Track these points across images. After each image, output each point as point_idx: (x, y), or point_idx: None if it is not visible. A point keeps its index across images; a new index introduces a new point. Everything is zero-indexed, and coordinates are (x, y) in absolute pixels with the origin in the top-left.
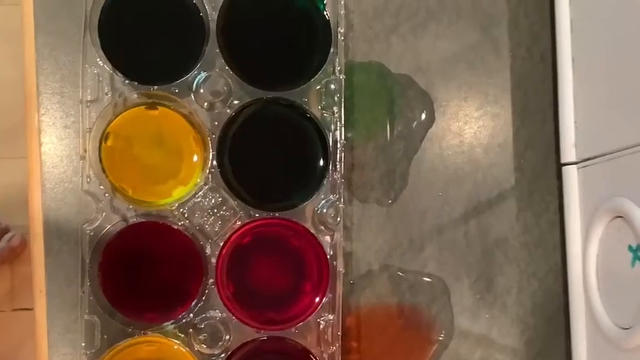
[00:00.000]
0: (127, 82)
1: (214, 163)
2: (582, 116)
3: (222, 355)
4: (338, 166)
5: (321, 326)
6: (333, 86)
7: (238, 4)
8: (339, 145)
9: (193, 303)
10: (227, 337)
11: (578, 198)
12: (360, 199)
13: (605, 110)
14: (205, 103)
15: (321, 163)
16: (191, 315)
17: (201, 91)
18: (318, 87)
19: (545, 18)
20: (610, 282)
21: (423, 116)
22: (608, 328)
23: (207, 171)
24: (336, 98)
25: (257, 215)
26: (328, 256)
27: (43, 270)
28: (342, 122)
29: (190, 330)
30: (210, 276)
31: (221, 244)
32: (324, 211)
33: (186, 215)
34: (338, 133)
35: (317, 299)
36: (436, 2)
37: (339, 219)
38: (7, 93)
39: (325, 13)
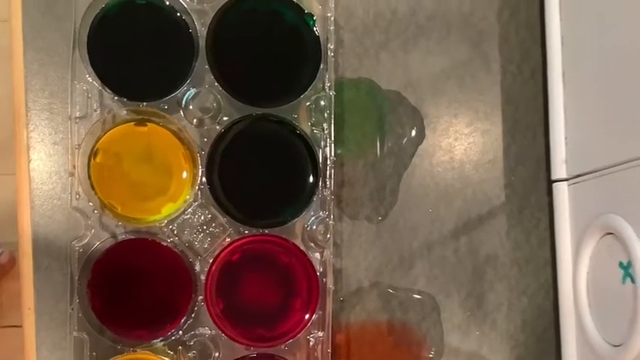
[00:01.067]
0: (116, 98)
1: (204, 179)
2: (573, 132)
3: None
4: (328, 183)
5: (311, 343)
6: (322, 102)
7: (228, 21)
8: (328, 162)
9: (183, 320)
10: (216, 354)
11: (568, 215)
12: (349, 215)
13: (596, 126)
14: (195, 120)
15: (311, 179)
16: (180, 332)
17: (191, 107)
18: (307, 103)
19: (536, 34)
20: (601, 299)
21: (413, 132)
22: (598, 345)
23: (197, 187)
24: (325, 115)
25: (246, 232)
26: (318, 273)
27: (31, 287)
28: (332, 139)
29: (180, 347)
30: (199, 293)
31: (210, 261)
32: (314, 227)
33: (175, 232)
34: (328, 149)
35: (307, 316)
36: (426, 18)
37: (328, 236)
38: None
39: (315, 29)
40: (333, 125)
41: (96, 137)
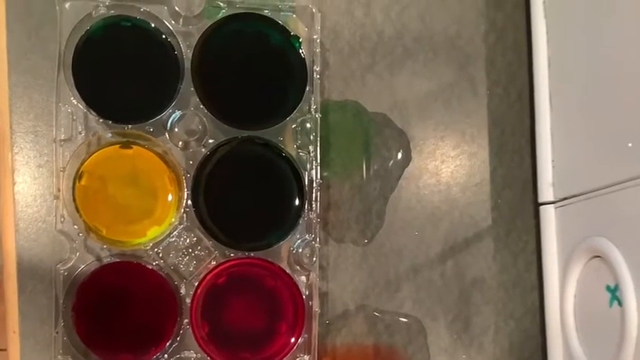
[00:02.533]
0: (101, 120)
1: (189, 202)
2: (560, 155)
3: None
4: (314, 206)
5: None
6: (308, 125)
7: (213, 43)
8: (314, 185)
9: (168, 343)
10: None
11: (555, 238)
12: (336, 238)
13: (582, 149)
14: (180, 142)
15: (297, 202)
16: (165, 355)
17: (176, 129)
18: (293, 126)
19: (523, 57)
20: (588, 322)
21: (400, 155)
22: None
23: (182, 210)
24: (311, 137)
25: (232, 255)
26: (304, 296)
27: (16, 310)
28: (318, 161)
29: None
30: (184, 316)
31: (196, 284)
32: (300, 250)
33: (160, 255)
34: (314, 172)
35: (292, 339)
36: (412, 40)
37: (314, 259)
38: None
39: (301, 51)
40: (319, 148)
41: (81, 160)
